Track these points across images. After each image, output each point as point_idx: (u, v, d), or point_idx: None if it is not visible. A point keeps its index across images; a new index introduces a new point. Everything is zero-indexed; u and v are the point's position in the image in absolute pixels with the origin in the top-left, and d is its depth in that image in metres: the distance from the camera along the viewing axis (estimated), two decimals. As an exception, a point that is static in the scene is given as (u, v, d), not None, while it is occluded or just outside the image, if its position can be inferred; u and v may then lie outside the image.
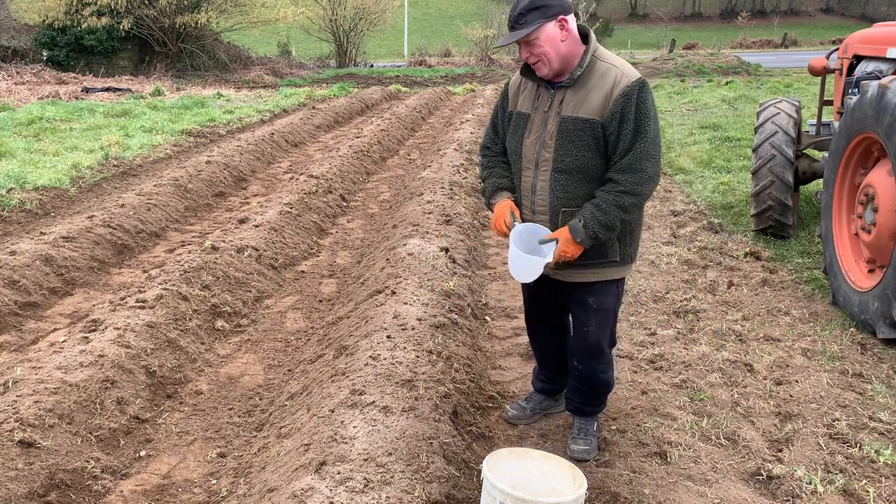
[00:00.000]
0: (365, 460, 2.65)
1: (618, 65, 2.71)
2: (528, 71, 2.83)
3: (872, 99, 4.34)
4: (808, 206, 7.08)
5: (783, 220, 6.00)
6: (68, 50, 21.81)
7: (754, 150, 6.12)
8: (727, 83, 19.89)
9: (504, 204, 2.93)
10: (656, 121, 2.71)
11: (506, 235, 2.86)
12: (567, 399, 3.24)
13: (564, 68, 2.74)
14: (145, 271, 5.58)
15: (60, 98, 15.70)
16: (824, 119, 6.52)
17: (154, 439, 3.36)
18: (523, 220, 2.89)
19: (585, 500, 2.72)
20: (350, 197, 8.11)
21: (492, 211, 3.00)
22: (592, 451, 3.09)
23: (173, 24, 22.67)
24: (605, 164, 2.74)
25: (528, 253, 2.75)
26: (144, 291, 4.58)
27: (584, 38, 2.76)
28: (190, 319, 4.37)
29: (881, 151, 4.48)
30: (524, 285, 3.24)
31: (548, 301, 3.17)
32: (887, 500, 2.78)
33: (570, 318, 3.09)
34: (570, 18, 2.71)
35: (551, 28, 2.66)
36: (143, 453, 3.24)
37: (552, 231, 2.81)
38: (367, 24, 30.28)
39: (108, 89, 17.92)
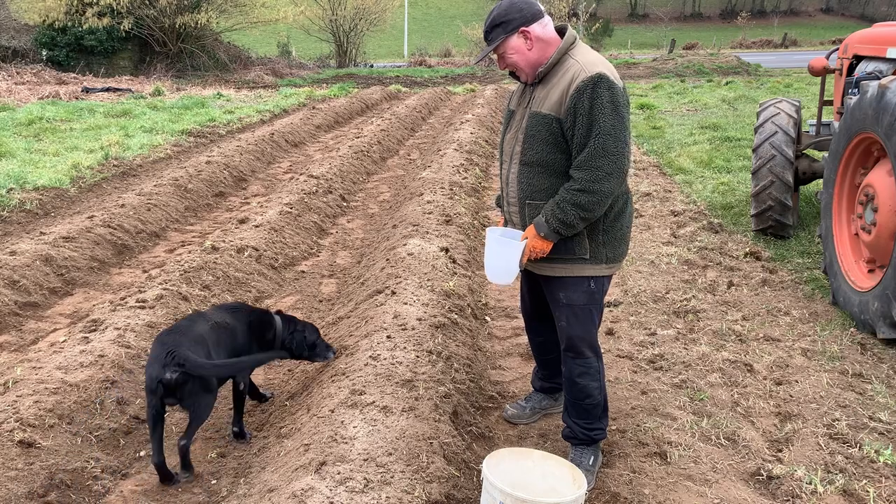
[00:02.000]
0: (365, 460, 2.65)
1: (581, 60, 2.71)
2: (514, 74, 2.94)
3: (872, 99, 4.34)
4: (808, 206, 7.08)
5: (783, 220, 6.00)
6: (68, 50, 21.82)
7: (754, 151, 6.12)
8: (727, 83, 19.90)
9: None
10: (617, 115, 2.62)
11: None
12: (563, 423, 3.12)
13: (535, 72, 2.83)
14: (145, 271, 5.59)
15: (60, 98, 15.70)
16: (824, 119, 6.52)
17: (154, 439, 3.36)
18: (505, 214, 3.04)
19: (585, 500, 2.72)
20: (350, 197, 8.11)
21: None
22: (588, 485, 2.88)
23: (173, 24, 22.68)
24: (567, 159, 2.76)
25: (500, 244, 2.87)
26: (144, 291, 4.58)
27: (561, 32, 2.82)
28: (190, 319, 4.37)
29: (881, 151, 4.48)
30: (522, 282, 3.28)
31: (539, 296, 3.17)
32: (887, 500, 2.78)
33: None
34: (535, 27, 2.75)
35: (514, 40, 2.75)
36: (143, 453, 3.24)
37: (522, 226, 2.91)
38: (366, 24, 30.29)
39: (108, 89, 17.93)
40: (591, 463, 2.98)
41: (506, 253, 2.83)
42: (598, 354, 3.01)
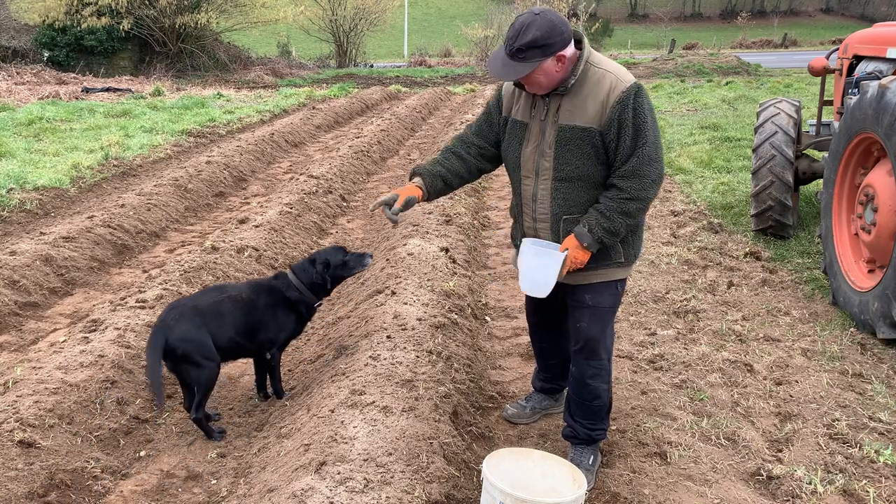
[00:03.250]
0: (365, 460, 2.65)
1: (612, 70, 2.67)
2: (519, 83, 2.79)
3: (872, 99, 4.34)
4: (808, 206, 7.08)
5: (783, 220, 6.00)
6: (68, 50, 21.82)
7: (754, 151, 6.12)
8: (727, 83, 19.90)
9: (404, 189, 3.10)
10: (655, 123, 2.69)
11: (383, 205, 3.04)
12: (564, 422, 3.11)
13: (555, 86, 2.71)
14: (145, 271, 5.59)
15: (60, 98, 15.70)
16: (824, 119, 6.52)
17: (154, 439, 3.36)
18: (524, 228, 2.93)
19: (585, 500, 2.72)
20: (350, 197, 8.11)
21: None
22: (588, 485, 2.85)
23: (173, 24, 22.68)
24: (606, 170, 2.73)
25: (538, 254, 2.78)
26: (144, 291, 4.58)
27: (578, 42, 2.71)
28: (190, 319, 4.37)
29: (881, 151, 4.48)
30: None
31: (548, 303, 3.08)
32: (887, 500, 2.78)
33: (568, 318, 3.04)
34: (569, 49, 2.63)
35: (549, 64, 2.60)
36: (143, 453, 3.24)
37: (555, 241, 2.82)
38: (366, 24, 30.28)
39: (108, 89, 17.92)
40: (590, 462, 2.98)
41: (545, 265, 2.75)
42: (611, 356, 3.01)
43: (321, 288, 3.60)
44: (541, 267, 2.77)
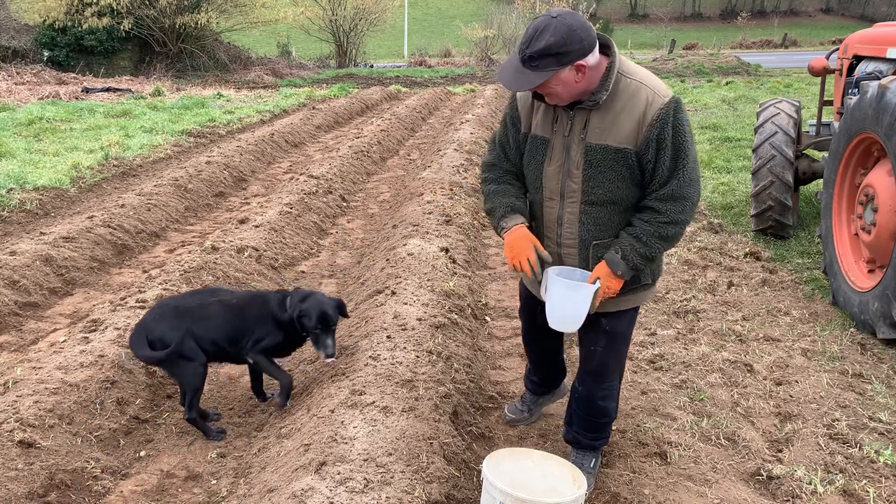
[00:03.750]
0: (365, 460, 2.65)
1: (647, 82, 2.41)
2: (538, 94, 2.50)
3: (872, 99, 4.34)
4: (808, 206, 7.08)
5: (783, 220, 6.00)
6: (68, 50, 21.82)
7: (754, 151, 6.12)
8: (727, 83, 19.90)
9: (523, 235, 2.61)
10: (693, 141, 2.46)
11: (518, 269, 2.62)
12: (565, 426, 3.05)
13: (584, 93, 2.43)
14: (145, 271, 5.58)
15: (60, 98, 15.70)
16: (824, 119, 6.52)
17: (154, 439, 3.36)
18: (546, 253, 2.64)
19: (585, 500, 2.72)
20: (350, 197, 8.11)
21: (501, 236, 2.69)
22: (588, 489, 2.85)
23: (173, 25, 22.68)
24: (640, 192, 2.51)
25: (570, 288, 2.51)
26: (144, 291, 4.58)
27: (604, 47, 2.44)
28: (190, 319, 4.37)
29: (881, 151, 4.48)
30: (524, 302, 3.05)
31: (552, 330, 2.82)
32: (887, 500, 2.78)
33: (580, 339, 2.86)
34: (590, 58, 2.35)
35: (565, 74, 2.33)
36: (143, 453, 3.24)
37: (583, 267, 2.60)
38: (366, 24, 30.29)
39: (108, 89, 17.92)
40: (591, 465, 2.96)
41: (575, 299, 2.50)
42: (622, 376, 2.93)
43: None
44: (570, 300, 2.51)
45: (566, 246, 2.64)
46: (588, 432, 2.95)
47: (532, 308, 3.00)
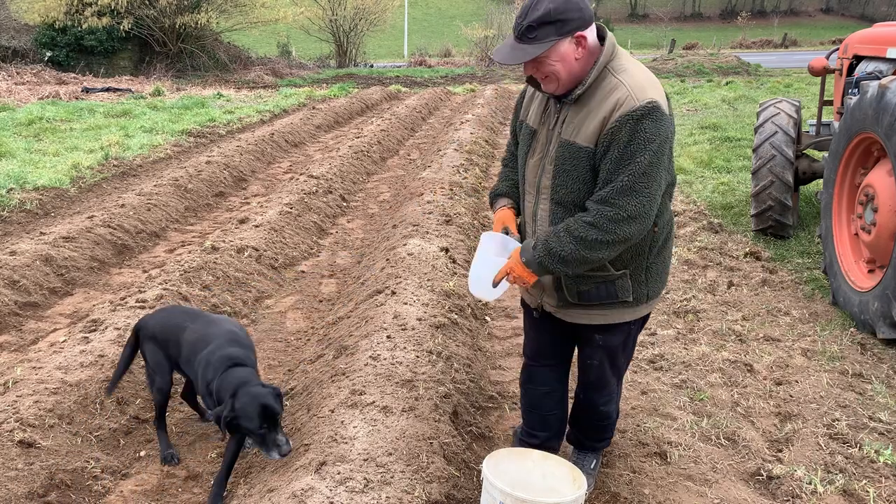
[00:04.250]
0: (365, 460, 2.65)
1: (627, 83, 2.24)
2: (534, 81, 2.42)
3: (872, 99, 4.34)
4: (808, 206, 7.09)
5: (783, 220, 6.00)
6: (68, 50, 21.82)
7: (754, 151, 6.12)
8: (727, 83, 19.90)
9: (500, 217, 2.67)
10: (658, 153, 2.21)
11: None
12: (569, 427, 3.01)
13: (576, 83, 2.34)
14: (145, 271, 5.58)
15: (60, 98, 15.70)
16: (824, 119, 6.52)
17: (154, 439, 3.35)
18: (515, 233, 2.65)
19: (585, 500, 2.72)
20: (350, 197, 8.11)
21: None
22: (588, 489, 2.84)
23: (173, 24, 22.68)
24: None
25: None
26: (144, 291, 4.58)
27: (601, 39, 2.35)
28: (190, 319, 4.37)
29: (881, 151, 4.48)
30: (528, 320, 2.86)
31: (555, 335, 2.78)
32: (887, 501, 2.78)
33: (577, 350, 2.80)
34: (590, 31, 2.26)
35: (565, 46, 2.22)
36: (143, 453, 3.24)
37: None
38: (366, 24, 30.29)
39: (108, 89, 17.92)
40: (592, 466, 2.96)
41: (486, 261, 2.50)
42: (622, 380, 2.89)
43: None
44: (482, 262, 2.51)
45: None
46: (592, 434, 2.95)
47: (537, 338, 2.85)
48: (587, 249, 2.27)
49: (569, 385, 2.97)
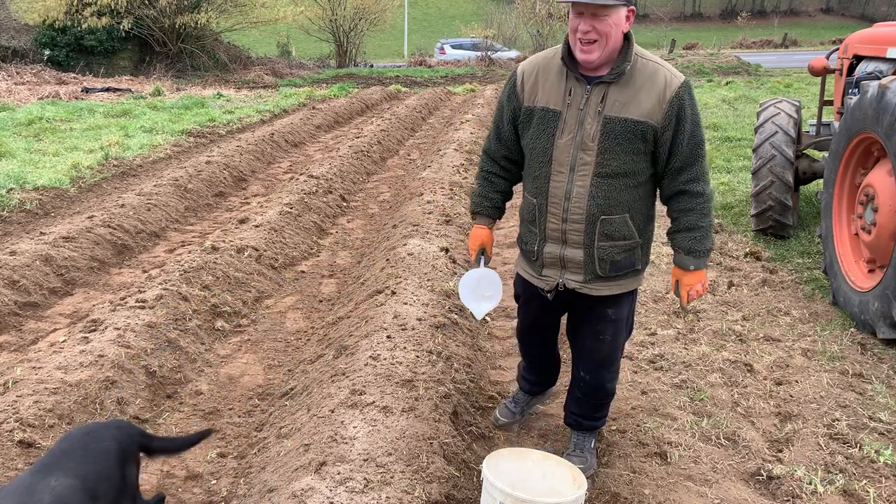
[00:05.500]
0: (365, 460, 2.65)
1: (663, 64, 2.58)
2: (570, 55, 2.57)
3: (872, 99, 4.34)
4: (808, 206, 7.08)
5: (783, 220, 6.00)
6: (68, 50, 21.81)
7: (754, 151, 6.12)
8: (727, 83, 19.89)
9: (478, 235, 2.99)
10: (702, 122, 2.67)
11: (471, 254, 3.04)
12: (567, 412, 3.11)
13: (607, 61, 2.53)
14: (145, 271, 5.58)
15: (60, 98, 15.70)
16: (824, 119, 6.52)
17: (154, 439, 3.36)
18: (547, 230, 2.70)
19: (585, 500, 2.72)
20: (350, 197, 8.11)
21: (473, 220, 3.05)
22: (589, 468, 2.93)
23: (173, 24, 22.67)
24: (650, 166, 2.62)
25: (474, 299, 2.95)
26: (144, 291, 4.58)
27: (625, 36, 2.58)
28: (190, 320, 4.37)
29: (881, 151, 4.48)
30: (524, 299, 3.07)
31: (554, 316, 3.06)
32: (887, 501, 2.78)
33: (581, 329, 2.90)
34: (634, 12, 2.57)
35: (623, 13, 2.47)
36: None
37: (587, 244, 2.68)
38: (366, 24, 30.28)
39: (108, 89, 17.92)
40: (592, 445, 3.04)
41: (482, 309, 2.93)
42: (622, 354, 3.03)
43: None
44: (479, 310, 2.95)
45: (572, 221, 2.63)
46: (593, 412, 3.03)
47: (542, 318, 3.05)
48: (712, 217, 2.71)
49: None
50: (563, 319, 3.11)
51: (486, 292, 2.93)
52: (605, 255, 2.65)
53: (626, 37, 2.55)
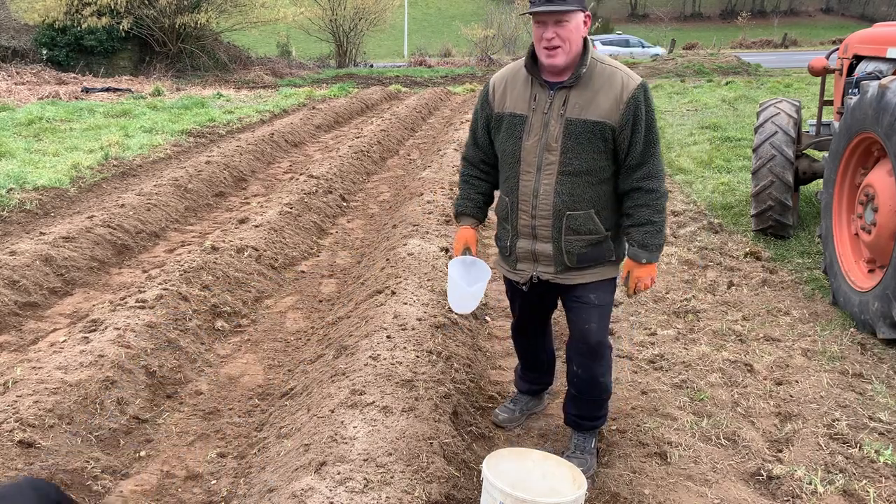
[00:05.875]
0: (365, 460, 2.65)
1: (619, 67, 2.72)
2: (533, 64, 2.75)
3: (872, 99, 4.34)
4: (808, 206, 7.08)
5: (783, 220, 6.00)
6: (68, 50, 21.82)
7: (754, 151, 6.12)
8: (727, 83, 19.89)
9: (463, 235, 3.08)
10: (657, 121, 2.79)
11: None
12: (565, 413, 3.14)
13: (570, 65, 2.69)
14: (145, 271, 5.58)
15: (60, 98, 15.70)
16: (824, 119, 6.52)
17: (154, 439, 3.36)
18: (518, 227, 2.88)
19: (585, 500, 2.72)
20: (350, 197, 8.11)
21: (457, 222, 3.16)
22: (590, 469, 2.96)
23: (173, 24, 22.68)
24: (611, 164, 2.75)
25: (467, 282, 2.94)
26: (144, 291, 4.58)
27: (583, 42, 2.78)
28: (190, 319, 4.37)
29: (881, 151, 4.48)
30: (509, 296, 3.22)
31: (539, 307, 3.17)
32: (887, 501, 2.78)
33: (568, 317, 3.01)
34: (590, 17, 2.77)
35: (580, 18, 2.64)
36: (143, 453, 3.24)
37: (555, 238, 2.81)
38: (366, 24, 30.30)
39: (108, 89, 17.92)
40: (592, 446, 3.06)
41: (466, 295, 2.90)
42: (611, 347, 3.07)
43: None
44: (462, 295, 2.90)
45: (540, 217, 2.80)
46: (592, 412, 3.05)
47: (524, 307, 3.19)
48: (664, 212, 2.79)
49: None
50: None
51: (478, 279, 2.98)
52: (573, 249, 2.80)
53: (584, 42, 2.71)
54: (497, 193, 3.09)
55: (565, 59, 2.65)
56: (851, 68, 5.98)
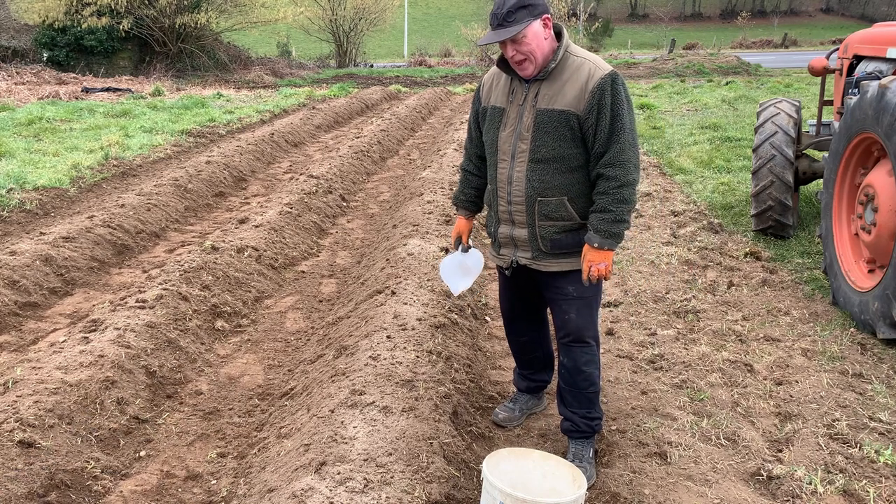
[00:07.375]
0: (365, 460, 2.65)
1: (590, 59, 2.79)
2: (503, 64, 2.88)
3: (872, 99, 4.34)
4: (808, 206, 7.08)
5: (783, 220, 6.00)
6: (68, 50, 21.82)
7: (754, 151, 6.12)
8: (727, 83, 19.90)
9: (459, 225, 3.32)
10: (631, 110, 2.79)
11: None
12: (562, 418, 3.13)
13: (544, 65, 2.80)
14: (145, 271, 5.58)
15: (60, 98, 15.70)
16: (824, 119, 6.52)
17: (154, 439, 3.36)
18: (499, 213, 3.01)
19: (585, 500, 2.72)
20: (350, 197, 8.11)
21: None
22: (591, 479, 2.94)
23: (173, 24, 22.68)
24: (582, 153, 2.80)
25: (454, 278, 3.29)
26: (144, 291, 4.58)
27: (558, 35, 2.85)
28: (190, 319, 4.37)
29: (881, 151, 4.48)
30: (502, 284, 3.31)
31: (526, 294, 3.21)
32: (887, 501, 2.78)
33: (551, 310, 3.09)
34: (549, 17, 2.81)
35: (537, 26, 2.71)
36: (143, 453, 3.24)
37: (529, 224, 2.91)
38: (366, 24, 30.30)
39: (108, 89, 17.93)
40: (591, 455, 3.03)
41: (461, 285, 3.24)
42: (598, 341, 3.07)
43: None
44: (457, 286, 3.27)
45: (515, 203, 2.91)
46: (580, 409, 3.03)
47: (509, 296, 3.29)
48: (629, 204, 2.77)
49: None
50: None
51: (471, 268, 3.24)
52: (546, 234, 2.88)
53: (560, 35, 2.82)
54: None
55: (534, 68, 2.77)
56: (851, 68, 5.98)
